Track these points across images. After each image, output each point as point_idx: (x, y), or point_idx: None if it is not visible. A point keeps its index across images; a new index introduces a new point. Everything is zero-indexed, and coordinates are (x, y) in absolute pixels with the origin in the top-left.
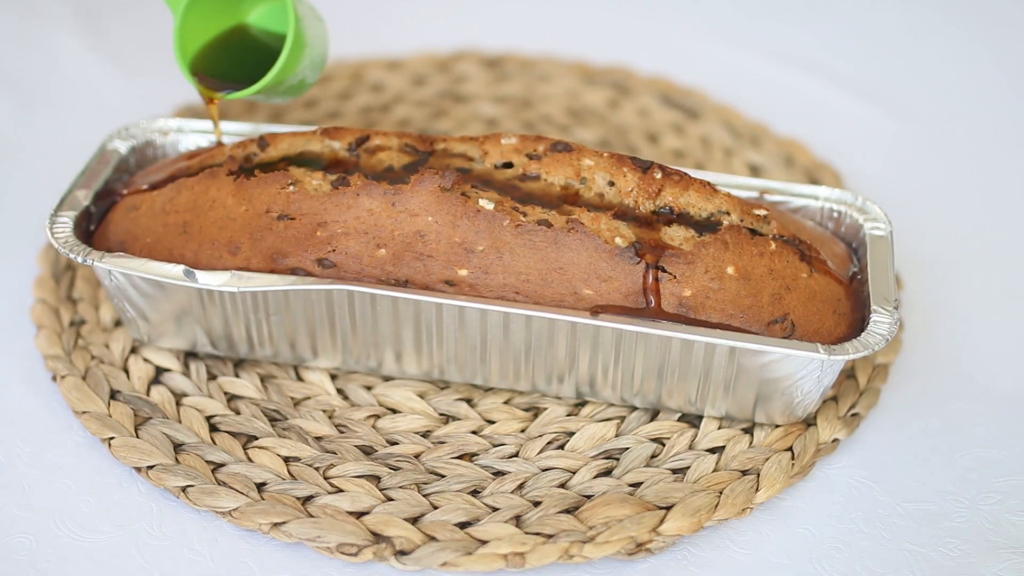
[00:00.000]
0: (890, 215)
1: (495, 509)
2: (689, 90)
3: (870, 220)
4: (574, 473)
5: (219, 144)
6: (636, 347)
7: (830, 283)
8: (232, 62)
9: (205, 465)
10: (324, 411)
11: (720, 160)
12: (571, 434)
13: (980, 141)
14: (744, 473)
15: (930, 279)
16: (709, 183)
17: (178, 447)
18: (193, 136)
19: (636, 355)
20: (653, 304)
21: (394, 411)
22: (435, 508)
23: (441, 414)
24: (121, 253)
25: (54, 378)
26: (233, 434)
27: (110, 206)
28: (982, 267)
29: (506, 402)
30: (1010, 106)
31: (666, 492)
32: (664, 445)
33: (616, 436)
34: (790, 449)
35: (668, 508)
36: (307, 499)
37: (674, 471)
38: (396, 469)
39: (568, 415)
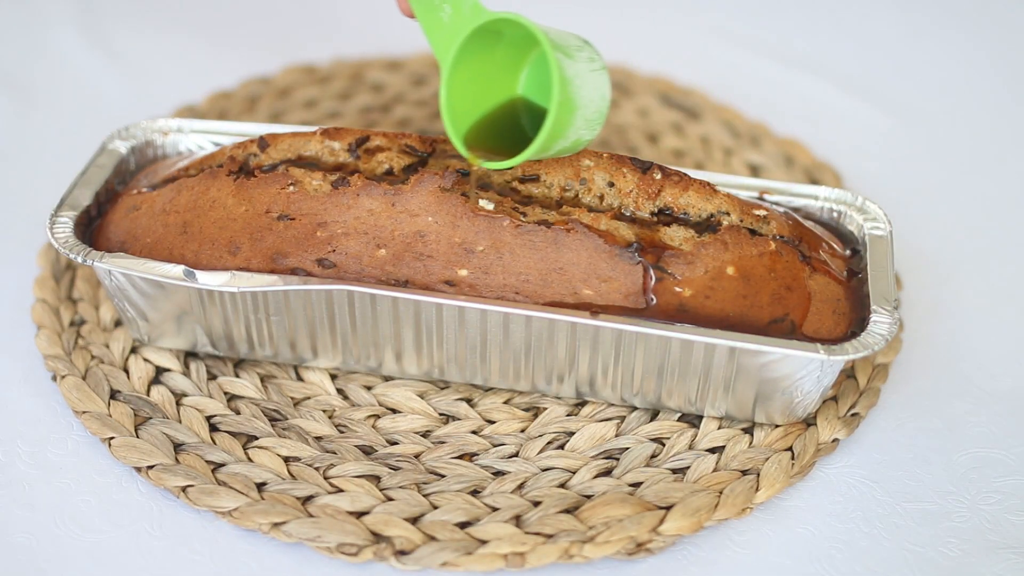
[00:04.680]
0: (890, 215)
1: (495, 509)
2: (689, 90)
3: (870, 220)
4: (574, 473)
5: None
6: (636, 347)
7: (830, 283)
8: (504, 134)
9: (205, 465)
10: (324, 411)
11: (720, 160)
12: (571, 434)
13: (979, 141)
14: (744, 473)
15: (930, 279)
16: (709, 183)
17: (178, 447)
18: (193, 136)
19: (636, 355)
20: (653, 304)
21: (394, 411)
22: (435, 508)
23: (441, 414)
24: (121, 253)
25: (54, 378)
26: (233, 434)
27: (110, 206)
28: (982, 267)
29: (506, 402)
30: (1009, 106)
31: (666, 492)
32: (664, 445)
33: (616, 436)
34: (790, 449)
35: (668, 508)
36: (307, 499)
37: (674, 471)
38: (396, 469)
39: (568, 415)
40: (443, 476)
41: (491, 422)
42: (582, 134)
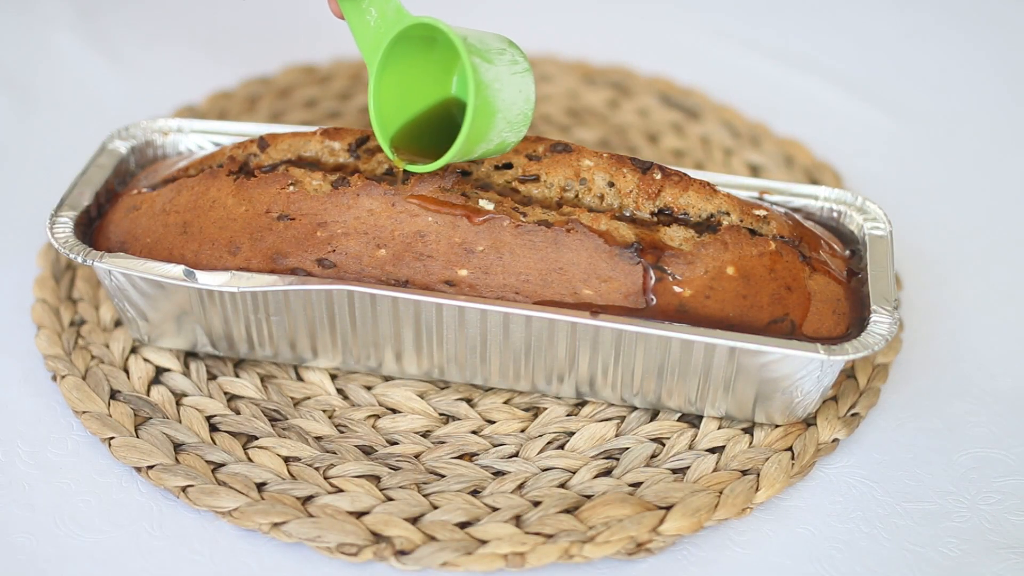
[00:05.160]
0: (890, 215)
1: (495, 509)
2: (689, 90)
3: (870, 220)
4: (574, 473)
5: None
6: (636, 347)
7: (830, 283)
8: (432, 136)
9: (205, 465)
10: (324, 411)
11: (720, 160)
12: (571, 434)
13: (979, 141)
14: (744, 473)
15: (930, 279)
16: (709, 184)
17: (178, 447)
18: (193, 136)
19: (636, 355)
20: (653, 304)
21: (394, 411)
22: (435, 508)
23: (441, 414)
24: (121, 253)
25: (54, 378)
26: (233, 434)
27: (110, 206)
28: (982, 267)
29: (506, 402)
30: (1009, 106)
31: (666, 492)
32: (664, 445)
33: (616, 436)
34: (790, 449)
35: (668, 508)
36: (307, 499)
37: (674, 471)
38: (396, 469)
39: (568, 415)
40: (443, 476)
41: (491, 422)
42: (506, 136)
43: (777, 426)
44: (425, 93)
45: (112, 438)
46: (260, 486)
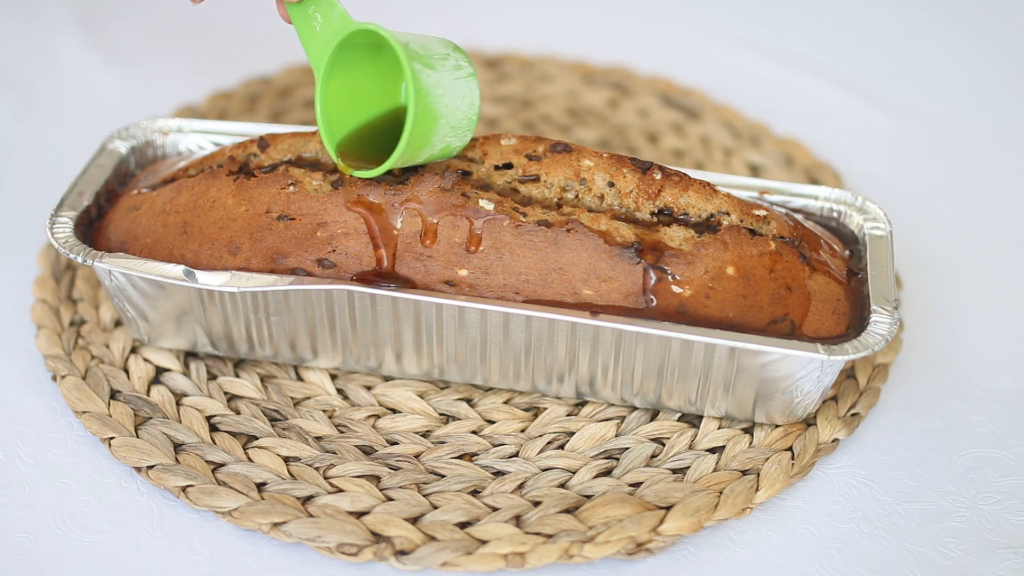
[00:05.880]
0: (890, 215)
1: (495, 509)
2: (689, 90)
3: (870, 220)
4: (574, 473)
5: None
6: (636, 347)
7: (830, 283)
8: (382, 144)
9: (205, 465)
10: (324, 411)
11: (720, 160)
12: (571, 434)
13: (980, 141)
14: (744, 473)
15: (930, 279)
16: (709, 184)
17: (178, 447)
18: (193, 136)
19: (636, 355)
20: (653, 304)
21: (394, 411)
22: (435, 508)
23: (441, 414)
24: (121, 253)
25: (54, 378)
26: (233, 434)
27: (110, 206)
28: (982, 267)
29: (506, 402)
30: (1009, 106)
31: (666, 492)
32: (664, 445)
33: (616, 436)
34: (790, 449)
35: (668, 508)
36: (307, 499)
37: (674, 471)
38: (396, 469)
39: (568, 415)
40: (443, 476)
41: (491, 422)
42: (450, 141)
43: (777, 426)
44: (375, 100)
45: (112, 438)
46: (260, 486)
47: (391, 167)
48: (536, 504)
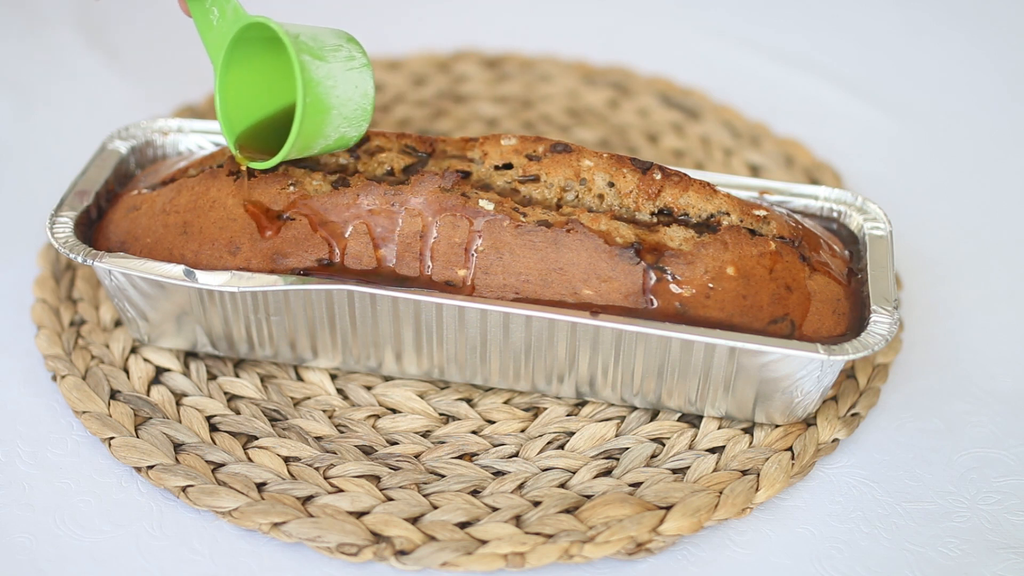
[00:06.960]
0: (890, 215)
1: (495, 509)
2: (689, 90)
3: (870, 220)
4: (574, 473)
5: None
6: (636, 347)
7: (830, 283)
8: (283, 137)
9: (205, 465)
10: (324, 411)
11: (720, 160)
12: (571, 434)
13: (980, 141)
14: (744, 473)
15: (930, 279)
16: (709, 184)
17: (178, 447)
18: (193, 136)
19: (636, 355)
20: (653, 304)
21: (394, 411)
22: (435, 508)
23: (441, 414)
24: (121, 253)
25: (54, 378)
26: (233, 434)
27: (110, 206)
28: (982, 267)
29: (506, 402)
30: (1009, 106)
31: (666, 492)
32: (664, 445)
33: (616, 436)
34: (790, 449)
35: (668, 508)
36: (307, 499)
37: (674, 471)
38: (396, 469)
39: (568, 415)
40: (443, 476)
41: (491, 422)
42: (344, 131)
43: (777, 426)
44: (274, 93)
45: (112, 438)
46: (260, 486)
47: (283, 159)
48: (536, 504)
